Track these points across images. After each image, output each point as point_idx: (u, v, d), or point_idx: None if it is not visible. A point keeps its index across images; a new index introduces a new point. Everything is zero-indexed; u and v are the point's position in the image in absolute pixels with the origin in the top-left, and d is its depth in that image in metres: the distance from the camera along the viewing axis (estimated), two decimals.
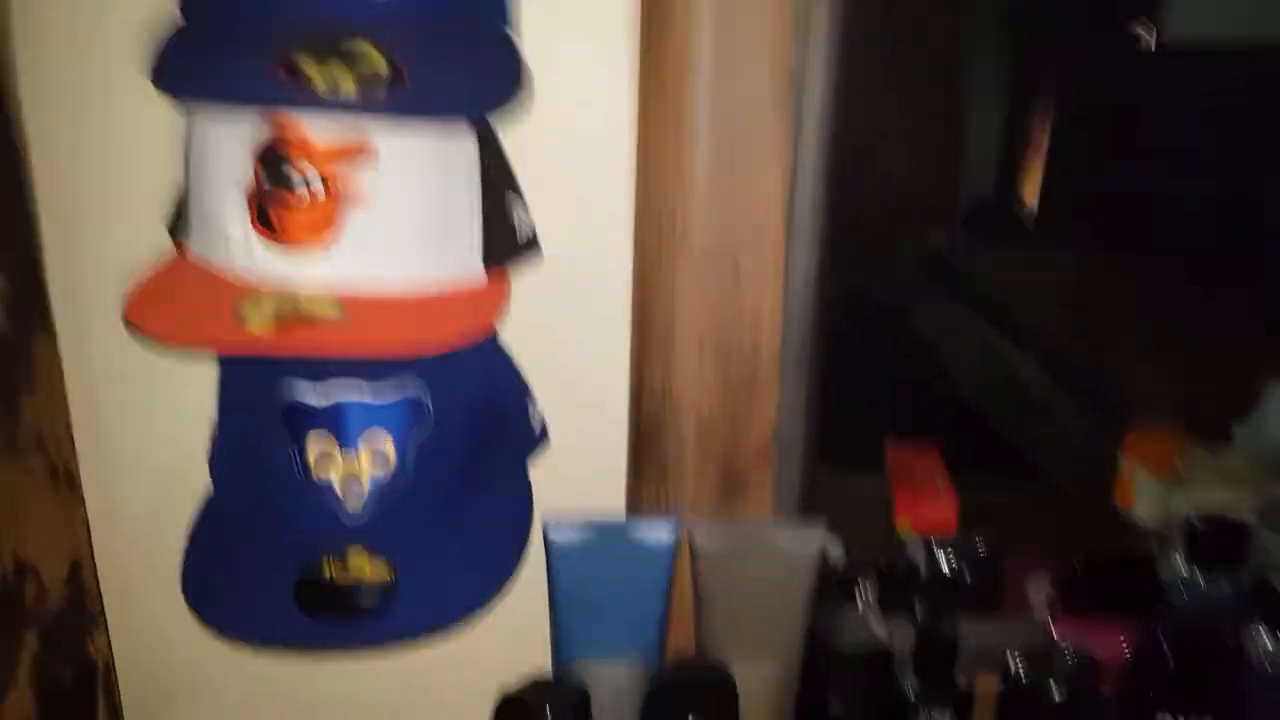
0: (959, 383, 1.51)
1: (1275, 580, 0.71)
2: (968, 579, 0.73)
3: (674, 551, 0.65)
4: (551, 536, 0.65)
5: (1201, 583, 0.75)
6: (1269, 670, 0.70)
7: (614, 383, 0.69)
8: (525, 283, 0.64)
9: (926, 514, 0.89)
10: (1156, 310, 1.46)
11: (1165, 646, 0.70)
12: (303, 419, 0.59)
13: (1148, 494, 1.00)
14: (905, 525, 0.88)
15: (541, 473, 0.68)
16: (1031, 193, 2.14)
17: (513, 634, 0.66)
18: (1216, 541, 0.76)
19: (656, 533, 0.65)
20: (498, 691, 0.60)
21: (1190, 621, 0.72)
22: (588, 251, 0.67)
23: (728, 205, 0.68)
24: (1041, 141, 2.15)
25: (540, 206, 0.64)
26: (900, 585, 0.73)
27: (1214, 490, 0.91)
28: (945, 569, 0.74)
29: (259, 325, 0.53)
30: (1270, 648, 0.70)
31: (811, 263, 0.70)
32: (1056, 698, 0.65)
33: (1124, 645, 0.72)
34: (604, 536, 0.65)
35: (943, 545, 0.77)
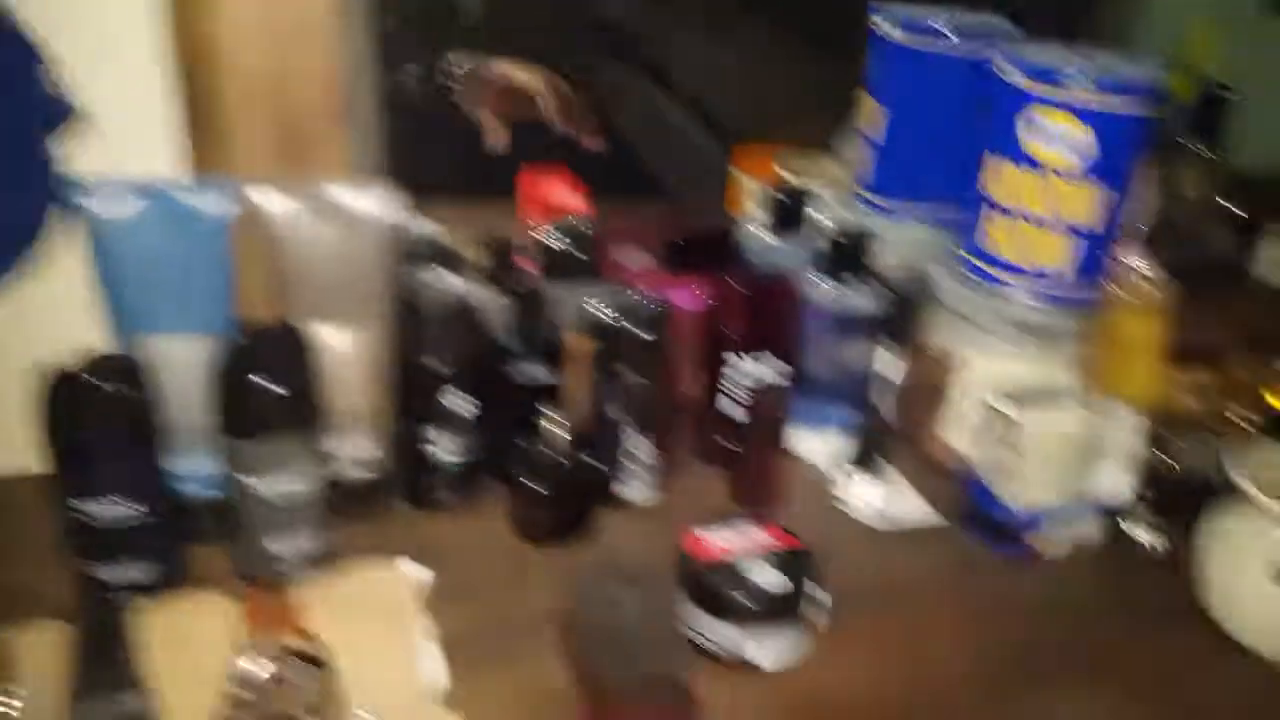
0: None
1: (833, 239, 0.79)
2: (570, 250, 0.75)
3: (232, 217, 0.60)
4: (93, 209, 0.58)
5: (773, 243, 0.82)
6: (821, 312, 0.79)
7: (148, 38, 0.61)
8: None
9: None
10: (775, 53, 1.54)
11: (737, 294, 0.76)
12: None
13: (753, 197, 1.06)
14: None
15: (81, 146, 0.60)
16: None
17: (65, 313, 0.60)
18: (788, 207, 0.82)
19: (209, 197, 0.60)
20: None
21: (760, 273, 0.79)
22: None
23: None
24: None
25: None
26: (503, 257, 0.74)
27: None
28: (549, 243, 0.75)
29: None
30: (824, 293, 0.78)
31: None
32: (637, 339, 0.69)
33: (704, 298, 0.77)
34: (150, 205, 0.59)
35: (547, 225, 0.78)
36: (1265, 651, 0.65)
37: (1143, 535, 0.75)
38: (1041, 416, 0.71)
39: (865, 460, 0.75)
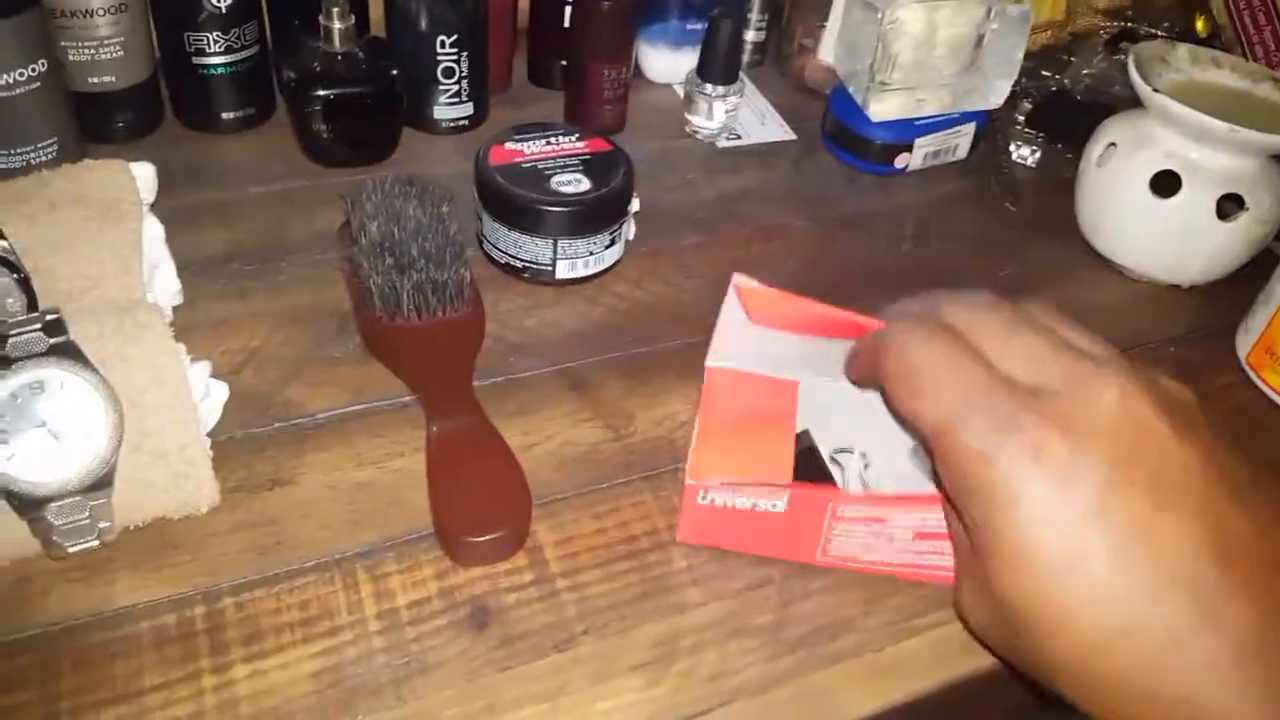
0: None
1: None
2: None
3: None
4: None
5: None
6: None
7: None
8: None
9: None
10: None
11: None
12: None
13: None
14: None
15: None
16: None
17: None
18: None
19: None
20: None
21: None
22: None
23: None
24: None
25: None
26: None
27: None
28: None
29: None
30: None
31: None
32: None
33: None
34: None
35: None
36: (1133, 266, 0.60)
37: (1020, 151, 0.68)
38: (913, 14, 0.60)
39: (720, 77, 0.65)
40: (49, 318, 0.38)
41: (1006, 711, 0.42)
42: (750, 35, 0.75)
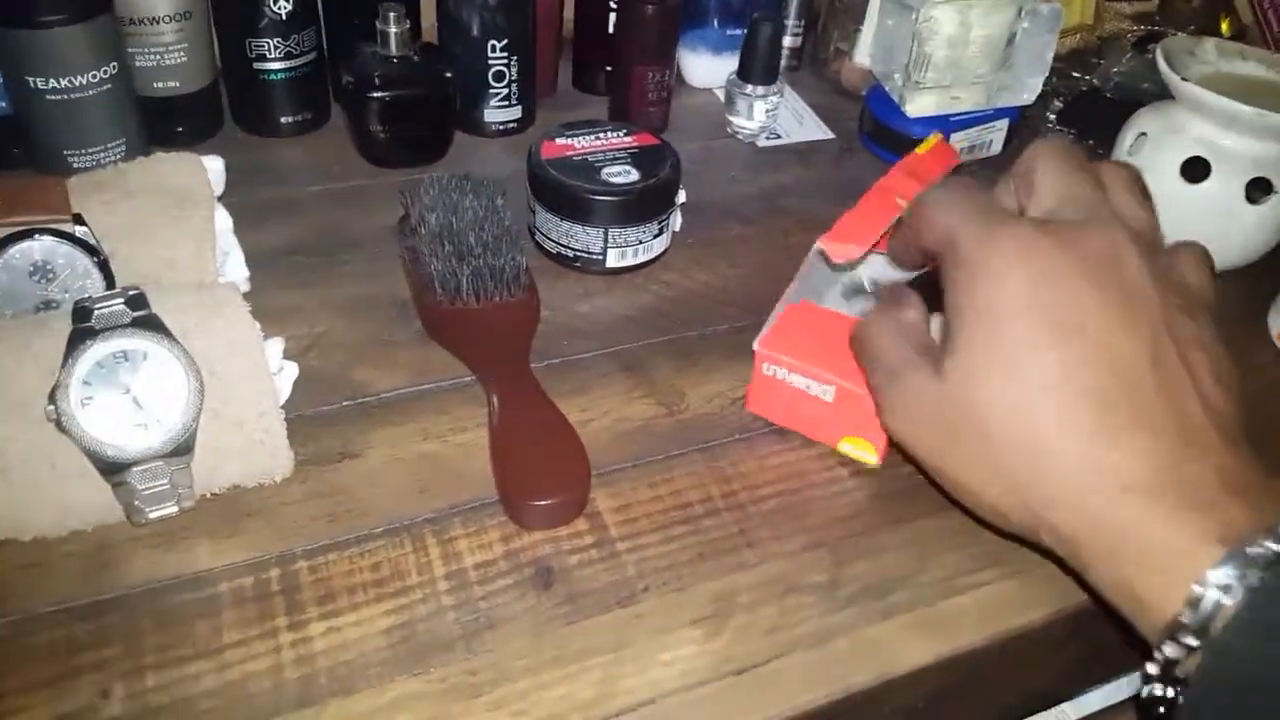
0: None
1: None
2: None
3: None
4: None
5: None
6: None
7: None
8: None
9: None
10: None
11: None
12: None
13: None
14: None
15: None
16: None
17: None
18: None
19: None
20: None
21: None
22: None
23: None
24: None
25: None
26: None
27: None
28: None
29: None
30: None
31: None
32: None
33: None
34: None
35: None
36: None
37: None
38: (946, 14, 0.62)
39: (760, 77, 0.67)
40: (131, 293, 0.40)
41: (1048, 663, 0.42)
42: (787, 41, 0.77)
